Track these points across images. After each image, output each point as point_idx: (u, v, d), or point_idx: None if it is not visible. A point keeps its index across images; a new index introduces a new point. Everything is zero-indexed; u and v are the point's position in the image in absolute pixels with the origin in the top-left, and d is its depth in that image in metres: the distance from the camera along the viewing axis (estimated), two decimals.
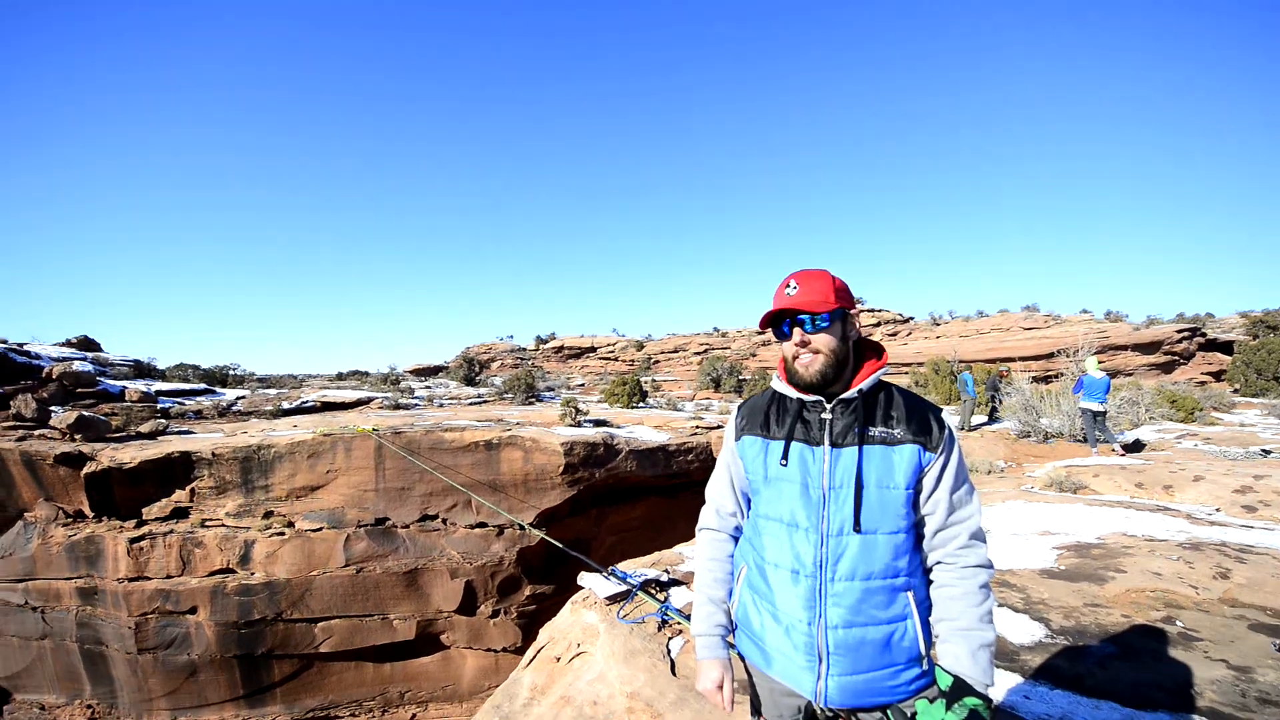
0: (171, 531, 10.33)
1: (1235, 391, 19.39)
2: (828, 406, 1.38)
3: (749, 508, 1.51)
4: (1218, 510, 5.96)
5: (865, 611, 1.27)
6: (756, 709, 1.48)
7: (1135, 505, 6.12)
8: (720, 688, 1.40)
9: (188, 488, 10.67)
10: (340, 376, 29.70)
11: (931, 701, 1.24)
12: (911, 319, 36.51)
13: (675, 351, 39.79)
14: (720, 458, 1.59)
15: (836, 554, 1.29)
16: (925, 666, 1.30)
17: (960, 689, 1.21)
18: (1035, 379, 14.10)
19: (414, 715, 10.95)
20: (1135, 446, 9.66)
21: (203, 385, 18.91)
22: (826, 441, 1.35)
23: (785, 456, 1.37)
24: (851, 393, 1.36)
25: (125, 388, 15.30)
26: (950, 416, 1.43)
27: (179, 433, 12.39)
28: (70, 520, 10.63)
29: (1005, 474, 8.66)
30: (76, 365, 15.38)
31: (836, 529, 1.30)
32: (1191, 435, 10.70)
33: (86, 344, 19.55)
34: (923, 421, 1.33)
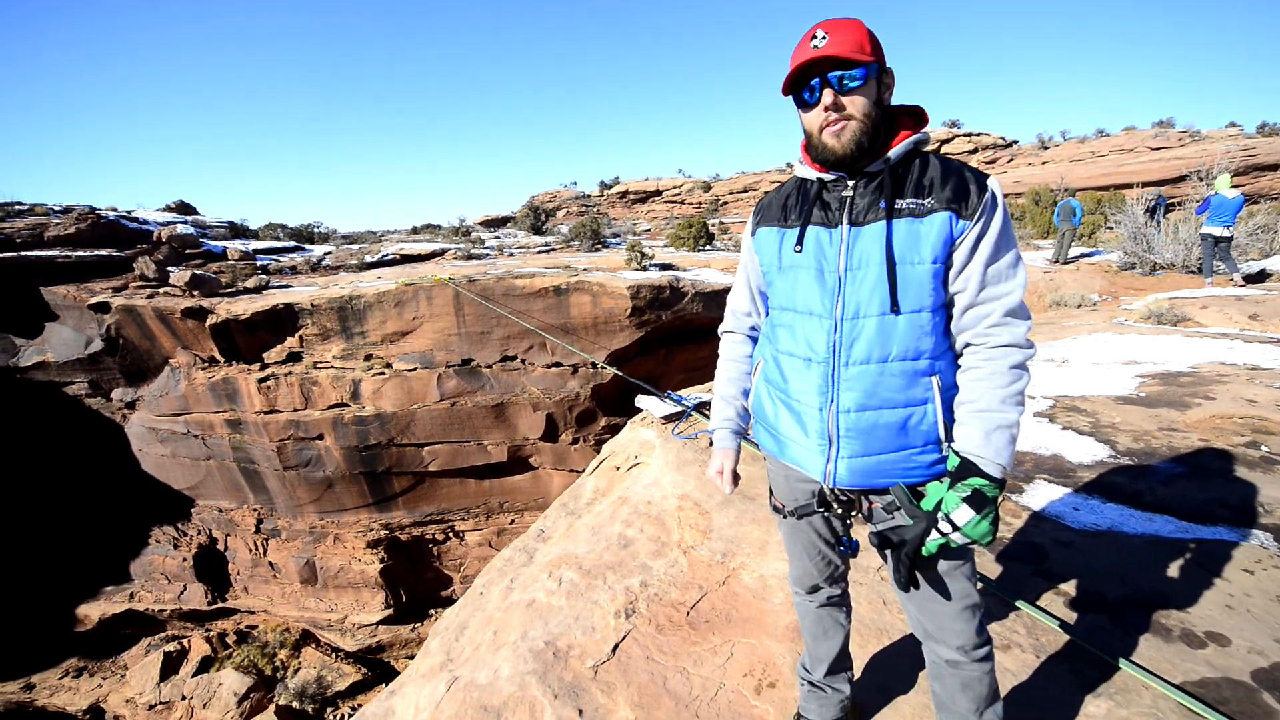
0: (290, 373, 11.72)
1: None
2: (850, 184, 1.24)
3: (766, 307, 1.47)
4: None
5: (879, 395, 1.23)
6: (775, 497, 1.52)
7: (1243, 337, 5.60)
8: (720, 473, 1.49)
9: (296, 335, 11.85)
10: (414, 230, 30.57)
11: (941, 482, 1.22)
12: (1015, 143, 32.12)
13: (745, 191, 37.66)
14: (740, 261, 1.52)
15: (851, 338, 1.23)
16: (945, 452, 1.25)
17: (966, 469, 1.16)
18: (1156, 203, 12.42)
19: (512, 520, 12.76)
20: (1259, 277, 8.60)
21: (292, 243, 20.07)
22: (845, 221, 1.23)
23: (800, 242, 1.28)
24: (877, 164, 1.22)
25: (226, 247, 16.52)
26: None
27: (279, 287, 13.47)
28: (206, 365, 12.22)
29: (1098, 308, 8.05)
30: (180, 229, 16.59)
31: (852, 313, 1.23)
32: None
33: (184, 208, 20.90)
34: (959, 186, 1.17)
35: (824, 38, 1.14)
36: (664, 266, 13.17)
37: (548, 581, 2.33)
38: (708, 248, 17.73)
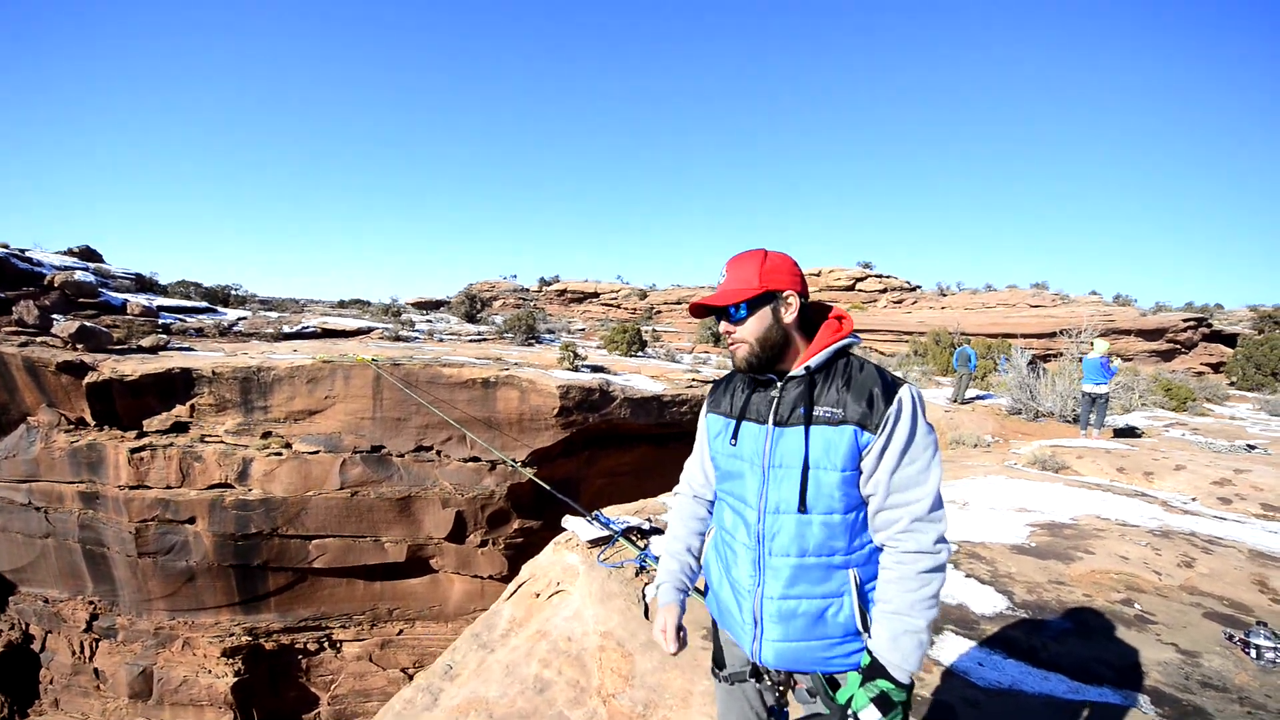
0: (171, 444, 10.54)
1: (1232, 384, 19.44)
2: (778, 385, 1.37)
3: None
4: (1194, 500, 6.08)
5: (800, 585, 1.30)
6: (718, 661, 1.54)
7: (1114, 489, 6.23)
8: (665, 631, 1.47)
9: (188, 403, 10.82)
10: (342, 304, 29.67)
11: (859, 674, 1.27)
12: (919, 288, 36.18)
13: (679, 303, 39.57)
14: (698, 435, 1.63)
15: (773, 531, 1.32)
16: (863, 643, 1.30)
17: (874, 669, 1.22)
18: (1035, 358, 14.11)
19: (400, 631, 11.50)
20: (1125, 432, 9.76)
21: (204, 304, 18.87)
22: (770, 421, 1.35)
23: (734, 436, 1.40)
24: (798, 370, 1.35)
25: (127, 301, 15.28)
26: (909, 386, 1.32)
27: (180, 349, 12.45)
28: (72, 427, 10.83)
29: (991, 449, 8.79)
30: (78, 275, 15.28)
31: (773, 507, 1.32)
32: (1181, 425, 10.80)
33: (88, 254, 19.38)
34: (868, 400, 1.27)
35: (724, 275, 1.38)
36: (596, 368, 13.31)
37: None
38: (640, 354, 18.18)
